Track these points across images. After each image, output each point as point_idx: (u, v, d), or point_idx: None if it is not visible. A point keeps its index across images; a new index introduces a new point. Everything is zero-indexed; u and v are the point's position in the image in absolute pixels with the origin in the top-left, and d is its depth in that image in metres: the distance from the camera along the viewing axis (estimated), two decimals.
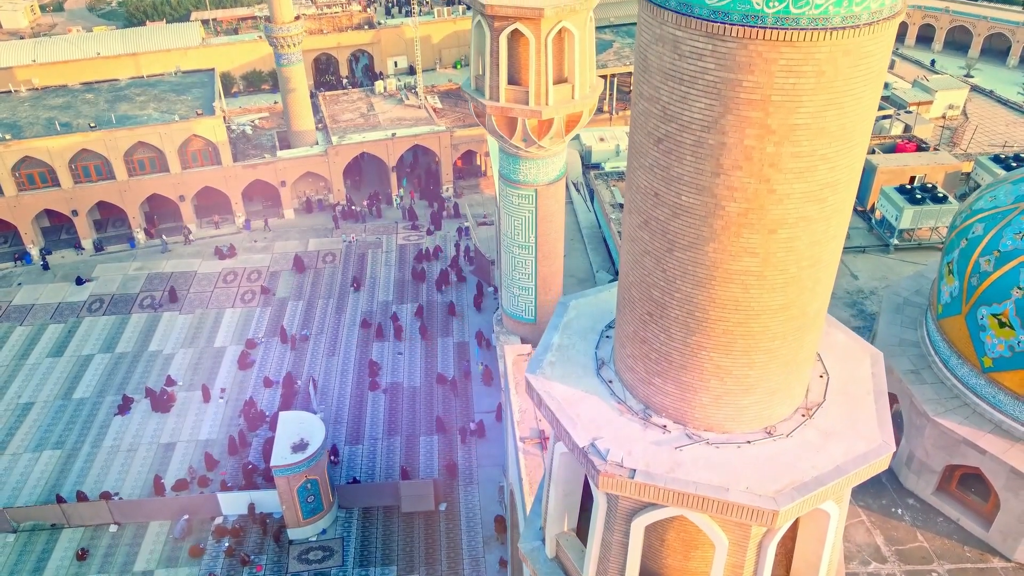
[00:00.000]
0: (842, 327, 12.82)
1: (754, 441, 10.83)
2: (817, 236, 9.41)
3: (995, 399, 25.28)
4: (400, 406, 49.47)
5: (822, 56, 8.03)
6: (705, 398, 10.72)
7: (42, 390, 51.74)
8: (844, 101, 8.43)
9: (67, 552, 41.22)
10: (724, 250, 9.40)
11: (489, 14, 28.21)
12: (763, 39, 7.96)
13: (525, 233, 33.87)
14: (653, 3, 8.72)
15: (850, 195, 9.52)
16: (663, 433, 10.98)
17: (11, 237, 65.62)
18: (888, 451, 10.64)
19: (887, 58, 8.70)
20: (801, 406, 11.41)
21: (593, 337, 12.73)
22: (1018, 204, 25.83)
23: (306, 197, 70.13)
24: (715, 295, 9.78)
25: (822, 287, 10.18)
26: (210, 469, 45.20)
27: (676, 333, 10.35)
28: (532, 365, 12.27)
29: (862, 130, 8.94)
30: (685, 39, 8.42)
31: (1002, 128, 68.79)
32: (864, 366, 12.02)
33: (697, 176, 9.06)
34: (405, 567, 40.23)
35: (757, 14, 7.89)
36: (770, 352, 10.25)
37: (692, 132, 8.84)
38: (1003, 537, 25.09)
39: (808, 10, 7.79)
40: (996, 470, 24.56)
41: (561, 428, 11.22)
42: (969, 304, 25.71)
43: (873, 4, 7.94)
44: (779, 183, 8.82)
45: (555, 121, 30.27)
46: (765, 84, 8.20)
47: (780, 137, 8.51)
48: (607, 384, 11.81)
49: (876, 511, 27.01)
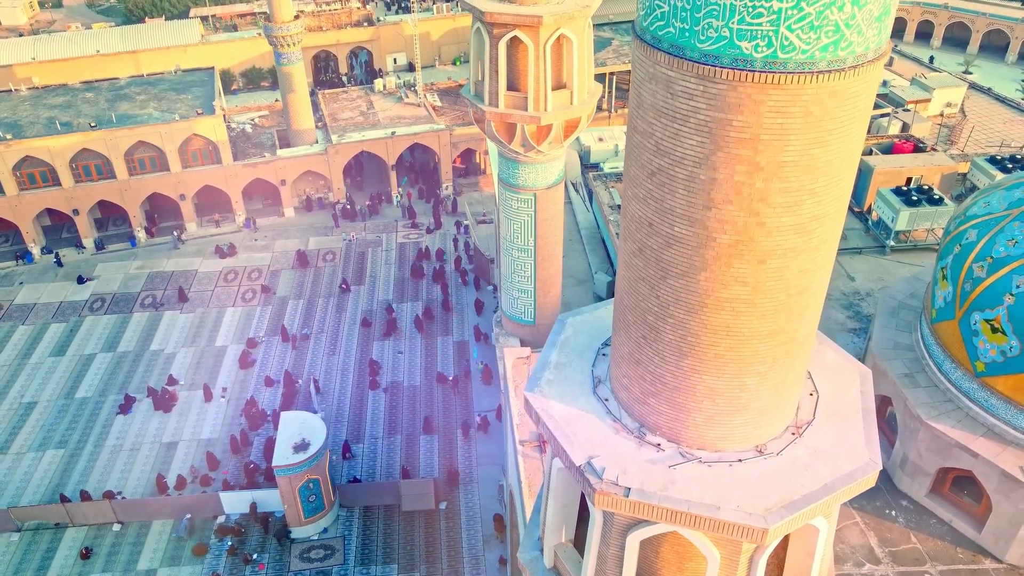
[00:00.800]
0: (833, 344, 13.15)
1: (745, 460, 11.18)
2: (805, 265, 9.73)
3: (988, 403, 25.62)
4: (400, 405, 49.85)
5: (809, 97, 8.33)
6: (698, 418, 11.06)
7: (45, 389, 52.10)
8: (831, 139, 8.74)
9: (71, 551, 41.63)
10: (715, 279, 9.72)
11: (488, 21, 28.43)
12: (752, 82, 8.26)
13: (524, 236, 34.17)
14: (646, 43, 9.02)
15: (837, 226, 9.84)
16: (657, 451, 11.33)
17: (12, 236, 65.89)
18: (874, 470, 10.98)
19: (873, 96, 9.00)
20: (791, 424, 11.75)
21: (590, 355, 13.06)
22: (1011, 211, 26.14)
23: (306, 196, 70.39)
24: (707, 321, 10.11)
25: (811, 313, 10.50)
26: (212, 468, 45.60)
27: (670, 356, 10.68)
28: (530, 383, 12.60)
29: (849, 165, 9.25)
30: (677, 79, 8.72)
31: (999, 126, 69.03)
32: (853, 384, 12.35)
33: (689, 209, 9.37)
34: (406, 565, 40.65)
35: (746, 58, 8.19)
36: (760, 375, 10.58)
37: (684, 167, 9.16)
38: (995, 539, 25.46)
39: (795, 55, 8.09)
40: (988, 473, 24.92)
41: (558, 446, 11.56)
42: (962, 309, 26.04)
43: (858, 48, 8.25)
44: (768, 216, 9.14)
45: (554, 127, 30.54)
46: (754, 124, 8.51)
47: (769, 173, 8.82)
48: (603, 403, 12.15)
49: (870, 512, 27.37)
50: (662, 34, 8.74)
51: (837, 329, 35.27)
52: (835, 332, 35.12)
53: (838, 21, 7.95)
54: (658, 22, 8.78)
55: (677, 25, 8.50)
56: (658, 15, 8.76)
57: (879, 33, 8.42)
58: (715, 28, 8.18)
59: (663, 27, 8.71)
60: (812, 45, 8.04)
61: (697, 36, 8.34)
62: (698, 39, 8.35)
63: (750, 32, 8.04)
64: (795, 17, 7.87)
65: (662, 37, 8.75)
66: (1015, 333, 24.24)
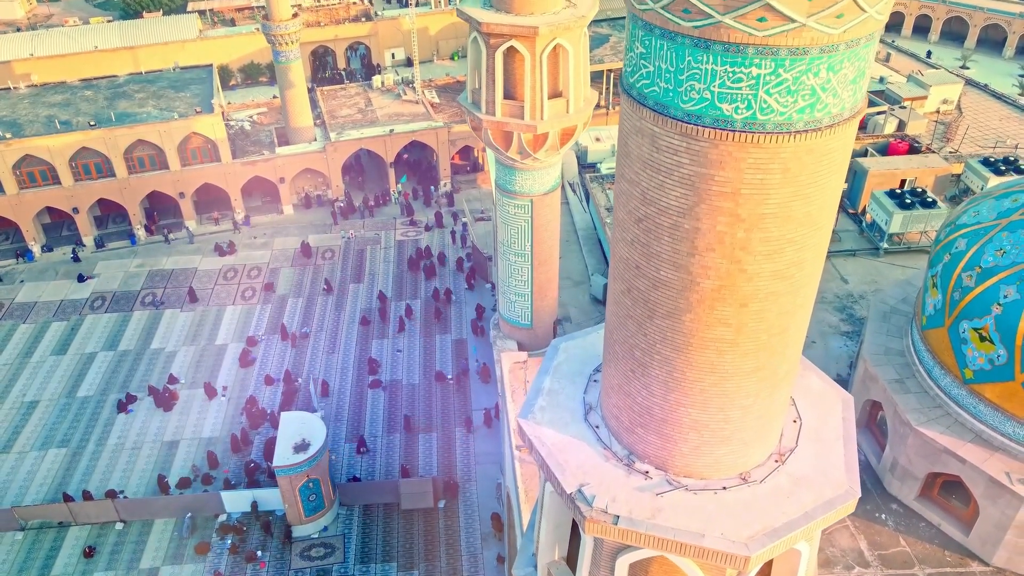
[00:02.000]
0: (817, 370, 13.58)
1: (730, 487, 11.63)
2: (786, 307, 10.15)
3: (976, 410, 26.07)
4: (399, 404, 50.33)
5: (787, 155, 8.73)
6: (684, 448, 11.50)
7: (46, 388, 52.55)
8: (809, 192, 9.14)
9: (74, 550, 42.18)
10: (700, 320, 10.14)
11: (485, 32, 28.72)
12: (732, 141, 8.65)
13: (521, 241, 34.55)
14: (633, 98, 9.40)
15: (816, 270, 10.25)
16: (645, 479, 11.78)
17: (12, 234, 66.20)
18: (853, 498, 11.44)
19: (850, 150, 9.40)
20: (775, 452, 12.20)
21: (581, 381, 13.50)
22: (999, 220, 26.53)
23: (304, 193, 70.67)
24: (692, 359, 10.54)
25: (792, 350, 10.93)
26: (213, 467, 46.10)
27: (657, 390, 11.12)
28: (524, 410, 13.04)
29: (827, 215, 9.66)
30: (662, 135, 9.11)
31: (995, 123, 69.23)
32: (836, 411, 12.80)
33: (674, 255, 9.78)
34: (405, 563, 41.22)
35: (727, 119, 8.57)
36: (744, 408, 11.02)
37: (669, 216, 9.56)
38: (982, 543, 25.96)
39: (773, 116, 8.48)
40: (975, 479, 25.39)
41: (551, 473, 12.01)
42: (951, 317, 26.46)
43: (834, 109, 8.64)
44: (749, 264, 9.54)
45: (550, 135, 30.86)
46: (735, 179, 8.91)
47: (750, 224, 9.22)
48: (594, 430, 12.59)
49: (860, 516, 27.80)
50: (647, 92, 9.12)
51: (830, 332, 35.73)
52: (828, 335, 35.59)
53: (814, 86, 8.34)
54: (644, 80, 9.16)
55: (661, 85, 8.89)
56: (644, 74, 9.14)
57: (854, 94, 8.81)
58: (697, 90, 8.57)
59: (648, 85, 9.09)
60: (789, 108, 8.43)
61: (680, 96, 8.73)
62: (681, 99, 8.73)
63: (730, 95, 8.43)
64: (773, 82, 8.25)
65: (647, 95, 9.13)
66: (1002, 342, 24.67)
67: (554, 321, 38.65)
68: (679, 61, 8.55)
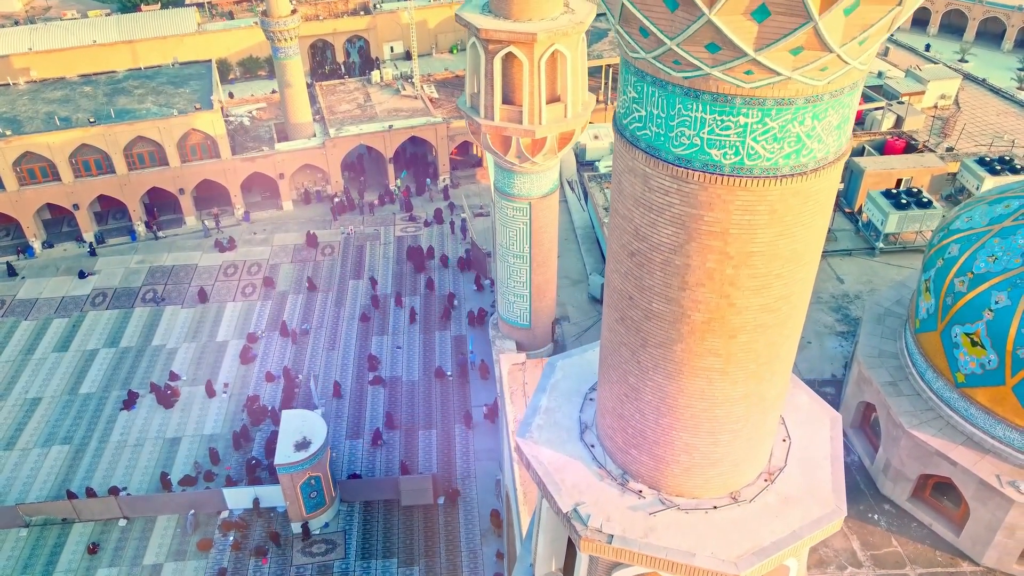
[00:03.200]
0: (806, 389, 13.95)
1: (720, 507, 12.02)
2: (774, 338, 10.50)
3: (967, 412, 26.45)
4: (399, 400, 50.75)
5: (774, 197, 9.05)
6: (676, 469, 11.88)
7: (49, 385, 52.94)
8: (795, 231, 9.47)
9: (78, 546, 42.67)
10: (690, 350, 10.49)
11: (484, 38, 28.94)
12: (721, 184, 8.98)
13: (520, 243, 34.88)
14: (625, 139, 9.72)
15: (803, 302, 10.59)
16: (639, 498, 12.17)
17: (13, 230, 66.44)
18: (839, 516, 11.83)
19: (835, 190, 9.72)
20: (764, 471, 12.58)
21: (577, 400, 13.87)
22: (992, 226, 26.86)
23: (304, 189, 70.88)
24: (683, 386, 10.90)
25: (780, 377, 11.28)
26: (215, 464, 46.55)
27: (649, 414, 11.48)
28: (522, 428, 13.41)
29: (813, 250, 10.00)
30: (654, 176, 9.44)
31: (993, 118, 69.42)
32: (824, 429, 13.17)
33: (666, 289, 10.12)
34: (405, 559, 41.73)
35: (716, 163, 8.90)
36: (734, 432, 11.39)
37: (661, 252, 9.89)
38: (972, 543, 26.39)
39: (760, 162, 8.80)
40: (966, 481, 25.79)
41: (547, 492, 12.39)
42: (944, 322, 26.81)
43: (819, 153, 8.96)
44: (738, 298, 9.89)
45: (548, 139, 31.13)
46: (724, 219, 9.24)
47: (738, 262, 9.56)
48: (589, 449, 12.97)
49: (854, 516, 28.24)
50: (640, 134, 9.44)
51: (826, 332, 36.08)
52: (823, 335, 35.94)
53: (799, 133, 8.66)
54: (636, 123, 9.48)
55: (653, 129, 9.21)
56: (636, 117, 9.45)
57: (839, 138, 9.13)
58: (687, 136, 8.89)
59: (640, 128, 9.41)
60: (776, 154, 8.75)
61: (671, 141, 9.05)
62: (672, 144, 9.05)
63: (719, 141, 8.75)
64: (760, 131, 8.57)
65: (640, 137, 9.45)
66: (993, 347, 25.02)
67: (552, 321, 39.02)
68: (670, 108, 8.86)
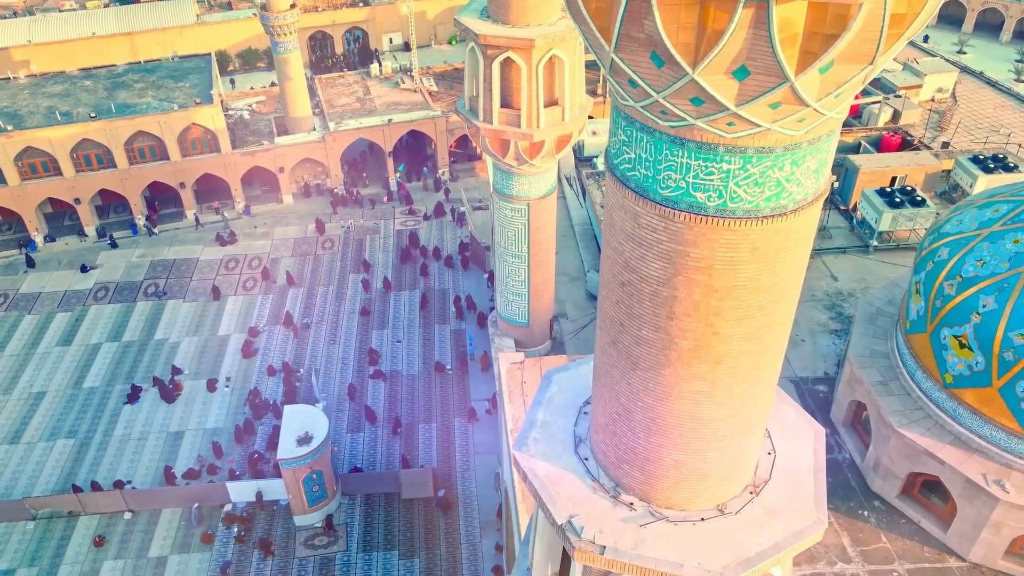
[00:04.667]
0: (792, 403, 14.53)
1: (708, 519, 12.63)
2: (757, 363, 11.07)
3: (956, 413, 27.07)
4: (399, 394, 51.40)
5: (755, 236, 9.59)
6: (666, 483, 12.48)
7: (53, 379, 53.55)
8: (776, 266, 10.02)
9: (84, 539, 43.40)
10: (678, 374, 11.06)
11: (482, 43, 29.37)
12: (706, 224, 9.51)
13: (518, 244, 35.43)
14: (617, 178, 10.25)
15: (785, 330, 11.16)
16: (630, 510, 12.78)
17: (15, 224, 66.88)
18: (821, 528, 12.45)
19: (814, 227, 10.26)
20: (750, 484, 13.18)
21: (572, 413, 14.46)
22: (981, 231, 27.39)
23: (304, 182, 71.27)
24: (672, 407, 11.47)
25: (764, 398, 11.86)
26: (218, 457, 47.24)
27: (640, 432, 12.07)
28: (519, 442, 14.01)
29: (793, 283, 10.55)
30: (643, 214, 9.97)
31: (989, 112, 69.78)
32: (808, 442, 13.77)
33: (654, 318, 10.68)
34: (406, 552, 42.48)
35: (700, 205, 9.44)
36: (720, 449, 11.98)
37: (649, 284, 10.44)
38: (959, 539, 27.07)
39: (742, 204, 9.33)
40: (954, 479, 26.45)
41: (543, 504, 13.00)
42: (933, 324, 27.40)
43: (797, 195, 9.49)
44: (722, 327, 10.45)
45: (546, 142, 31.63)
46: (709, 256, 9.78)
47: (722, 294, 10.11)
48: (583, 462, 13.57)
49: (844, 513, 28.93)
50: (629, 175, 9.97)
51: (819, 331, 36.68)
52: (817, 333, 36.54)
53: (779, 178, 9.19)
54: (626, 164, 10.01)
55: (642, 171, 9.73)
56: (626, 159, 9.98)
57: (817, 180, 9.65)
58: (674, 179, 9.42)
59: (630, 169, 9.94)
60: (757, 197, 9.28)
61: (659, 183, 9.58)
62: (660, 186, 9.58)
63: (704, 185, 9.28)
64: (741, 176, 9.10)
65: (629, 177, 9.98)
66: (981, 350, 25.62)
67: (550, 319, 39.62)
68: (658, 153, 9.39)
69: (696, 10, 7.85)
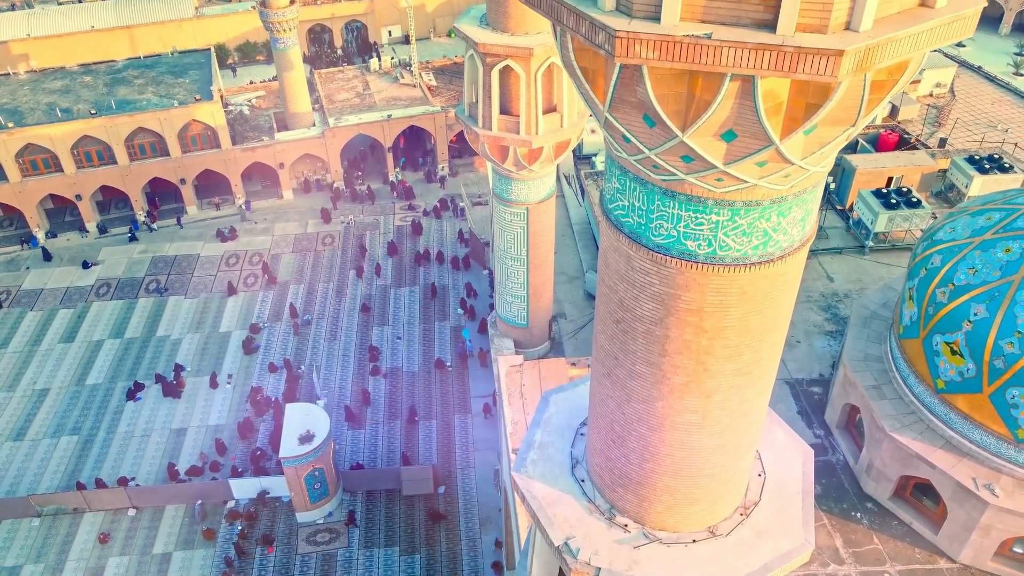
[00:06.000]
0: (783, 424, 14.98)
1: (699, 540, 13.09)
2: (746, 396, 11.50)
3: (947, 417, 27.53)
4: (399, 391, 51.90)
5: (744, 281, 9.99)
6: (659, 507, 12.94)
7: (56, 376, 54.00)
8: (763, 308, 10.42)
9: (89, 535, 43.99)
10: (670, 407, 11.49)
11: (482, 51, 29.62)
12: (696, 270, 9.91)
13: (517, 247, 35.80)
14: (611, 223, 10.64)
15: (773, 365, 11.58)
16: (624, 532, 13.24)
17: (16, 220, 67.19)
18: (808, 550, 12.92)
19: (801, 270, 10.66)
20: (741, 505, 13.64)
21: (569, 435, 14.90)
22: (973, 239, 27.76)
23: (304, 178, 71.52)
24: (664, 437, 11.91)
25: (754, 427, 12.30)
26: (221, 454, 47.77)
27: (634, 459, 12.51)
28: (518, 464, 14.47)
29: (781, 322, 10.97)
30: (636, 258, 10.36)
31: (988, 107, 69.96)
32: (797, 464, 14.22)
33: (647, 354, 11.09)
34: (407, 548, 43.09)
35: (691, 252, 9.83)
36: (711, 476, 12.43)
37: (643, 323, 10.85)
38: (950, 541, 27.60)
39: (731, 252, 9.73)
40: (944, 483, 26.95)
41: (541, 526, 13.47)
42: (926, 330, 27.82)
43: (784, 243, 9.88)
44: (712, 364, 10.87)
45: (545, 148, 31.93)
46: (699, 299, 10.18)
47: (712, 334, 10.52)
48: (580, 484, 14.03)
49: (837, 514, 29.46)
50: (623, 220, 10.36)
51: (815, 332, 37.11)
52: (812, 334, 36.98)
53: (766, 228, 9.58)
54: (620, 210, 10.40)
55: (635, 218, 10.12)
56: (620, 205, 10.37)
57: (803, 228, 10.05)
58: (665, 228, 9.81)
59: (624, 215, 10.33)
60: (745, 245, 9.68)
61: (651, 231, 9.97)
62: (652, 233, 9.98)
63: (694, 235, 9.67)
64: (730, 227, 9.49)
65: (623, 223, 10.37)
66: (972, 357, 26.04)
67: (549, 319, 40.05)
68: (650, 203, 9.77)
69: (685, 80, 8.22)
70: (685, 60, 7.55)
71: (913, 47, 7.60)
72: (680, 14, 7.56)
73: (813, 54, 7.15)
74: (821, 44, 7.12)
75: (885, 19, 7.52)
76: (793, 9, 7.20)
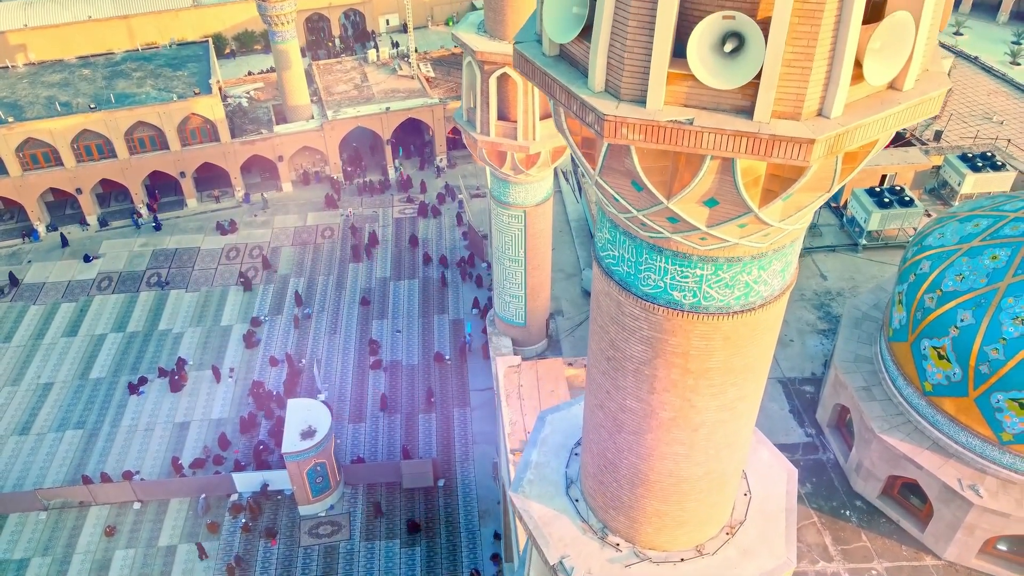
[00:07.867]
0: (768, 445, 15.64)
1: (687, 559, 13.79)
2: (731, 429, 12.15)
3: (934, 419, 28.25)
4: (399, 385, 52.60)
5: (727, 328, 10.60)
6: (649, 528, 13.63)
7: (60, 370, 54.61)
8: (746, 350, 11.04)
9: (96, 529, 44.78)
10: (659, 439, 12.14)
11: (480, 59, 30.05)
12: (682, 317, 10.51)
13: (515, 248, 36.37)
14: (603, 270, 11.22)
15: (756, 401, 12.22)
16: (616, 551, 13.94)
17: (17, 213, 67.57)
18: (789, 568, 13.63)
19: (782, 314, 11.27)
20: (727, 524, 14.33)
21: (564, 454, 15.57)
22: (961, 245, 28.37)
23: (303, 170, 71.84)
24: (653, 466, 12.57)
25: (738, 456, 12.96)
26: (223, 448, 48.53)
27: (624, 485, 13.18)
28: (516, 484, 15.14)
29: (763, 362, 11.60)
30: (625, 304, 10.96)
31: (983, 98, 70.39)
32: (781, 483, 14.90)
33: (637, 391, 11.73)
34: (407, 540, 43.95)
35: (677, 302, 10.44)
36: (698, 500, 13.11)
37: (632, 363, 11.47)
38: (935, 539, 28.42)
39: (714, 303, 10.34)
40: (931, 483, 27.72)
41: (536, 545, 14.16)
42: (914, 335, 28.49)
43: (764, 293, 10.48)
44: (698, 401, 11.50)
45: (542, 153, 32.43)
46: (685, 343, 10.80)
47: (698, 375, 11.14)
48: (574, 503, 14.71)
49: (827, 512, 30.25)
50: (614, 269, 10.95)
51: (807, 330, 37.76)
52: (805, 333, 37.63)
53: (748, 281, 10.17)
54: (611, 259, 10.98)
55: (624, 268, 10.71)
56: (611, 254, 10.95)
57: (783, 278, 10.64)
58: (653, 279, 10.40)
59: (614, 264, 10.91)
60: (728, 296, 10.28)
61: (640, 280, 10.56)
62: (640, 283, 10.57)
63: (680, 286, 10.27)
64: (713, 280, 10.09)
65: (614, 271, 10.96)
66: (958, 362, 26.72)
67: (547, 317, 40.70)
68: (638, 255, 10.36)
69: (670, 155, 8.78)
70: (668, 142, 8.12)
71: (881, 129, 8.15)
72: (664, 99, 8.10)
73: (787, 141, 7.71)
74: (794, 132, 7.68)
75: (856, 103, 8.06)
76: (769, 98, 7.74)
